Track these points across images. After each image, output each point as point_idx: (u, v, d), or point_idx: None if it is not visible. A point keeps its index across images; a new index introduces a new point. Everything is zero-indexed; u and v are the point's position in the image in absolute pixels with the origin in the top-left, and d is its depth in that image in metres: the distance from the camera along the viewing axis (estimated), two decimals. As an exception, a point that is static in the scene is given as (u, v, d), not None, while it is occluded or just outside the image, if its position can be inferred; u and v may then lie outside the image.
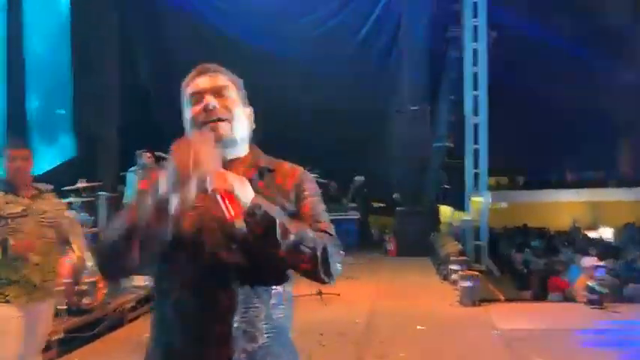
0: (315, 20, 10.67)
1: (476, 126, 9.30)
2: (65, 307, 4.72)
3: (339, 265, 1.39)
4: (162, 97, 11.15)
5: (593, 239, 12.99)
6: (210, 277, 1.33)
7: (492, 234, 12.82)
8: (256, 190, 1.36)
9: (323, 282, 1.39)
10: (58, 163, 8.68)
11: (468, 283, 6.16)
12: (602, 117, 17.13)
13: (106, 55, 9.86)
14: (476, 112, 9.30)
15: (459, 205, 9.71)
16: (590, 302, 6.03)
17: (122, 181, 7.41)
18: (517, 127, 17.80)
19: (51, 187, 3.43)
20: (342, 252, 1.42)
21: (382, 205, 11.48)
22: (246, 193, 1.26)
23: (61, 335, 4.42)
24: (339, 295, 6.27)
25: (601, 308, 5.94)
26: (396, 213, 10.39)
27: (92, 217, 5.47)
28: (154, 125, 10.84)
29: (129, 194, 7.05)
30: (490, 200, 9.47)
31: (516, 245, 11.26)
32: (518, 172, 17.51)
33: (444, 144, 10.27)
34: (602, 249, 10.08)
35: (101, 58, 9.70)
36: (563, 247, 11.06)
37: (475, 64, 9.32)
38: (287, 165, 1.51)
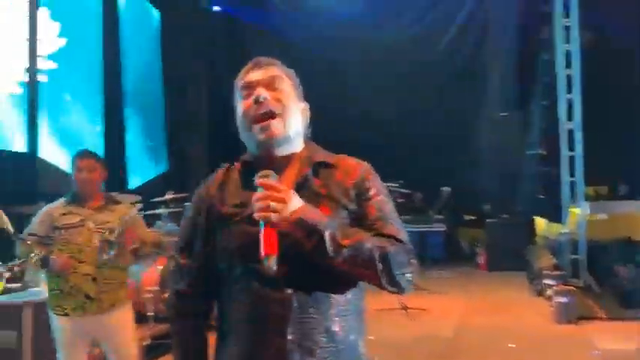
0: (398, 27, 10.55)
1: (570, 132, 8.73)
2: (152, 314, 4.90)
3: (408, 274, 1.28)
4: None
5: None
6: (264, 286, 1.26)
7: (591, 247, 11.94)
8: (310, 188, 1.31)
9: (391, 292, 1.30)
10: (152, 177, 9.18)
11: (563, 299, 5.74)
12: None
13: (195, 76, 10.37)
14: (570, 117, 8.73)
15: (555, 216, 9.13)
16: None
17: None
18: (618, 131, 16.63)
19: (136, 198, 3.53)
20: (413, 260, 1.30)
21: (472, 217, 11.08)
22: (292, 205, 1.20)
23: (148, 342, 4.58)
24: (425, 310, 6.06)
25: None
26: (487, 225, 9.97)
27: (178, 227, 5.68)
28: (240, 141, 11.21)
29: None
30: (588, 211, 8.82)
31: (619, 259, 10.40)
32: (620, 181, 16.25)
33: (537, 151, 9.72)
34: None
35: (191, 78, 10.20)
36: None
37: (568, 66, 8.78)
38: (351, 161, 1.41)
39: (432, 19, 10.38)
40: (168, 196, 5.80)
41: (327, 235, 1.19)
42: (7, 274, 2.76)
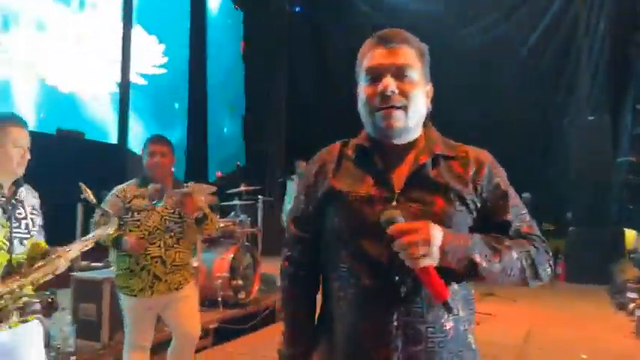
0: (482, 27, 10.28)
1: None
2: (220, 299, 5.12)
3: (548, 268, 1.30)
4: (324, 112, 11.71)
5: None
6: (373, 273, 1.26)
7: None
8: (426, 177, 1.29)
9: (533, 285, 1.31)
10: (230, 171, 9.57)
11: (646, 313, 5.36)
12: None
13: (274, 75, 10.66)
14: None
15: (646, 228, 8.54)
16: None
17: (282, 187, 7.94)
18: None
19: (211, 189, 3.55)
20: (549, 251, 1.32)
21: (552, 227, 10.54)
22: (436, 240, 1.16)
23: (216, 325, 4.79)
24: (490, 315, 5.88)
25: None
26: (569, 234, 9.46)
27: (250, 218, 5.88)
28: (317, 138, 11.39)
29: (288, 201, 7.47)
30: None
31: None
32: None
33: (627, 158, 9.12)
34: None
35: (270, 78, 10.50)
36: None
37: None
38: (472, 151, 1.38)
39: (517, 19, 10.02)
40: (243, 188, 6.03)
41: (476, 257, 1.20)
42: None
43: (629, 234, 9.81)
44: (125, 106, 7.50)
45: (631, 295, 6.21)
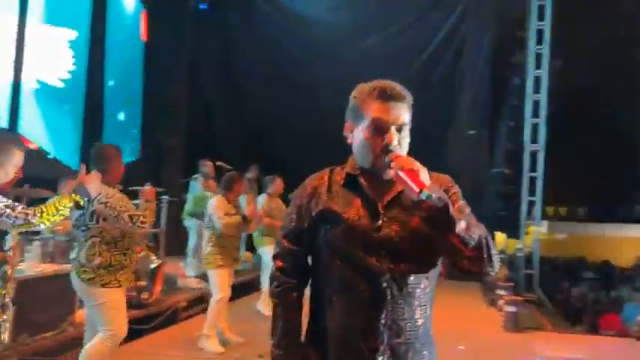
0: (379, 39, 10.78)
1: (534, 154, 9.19)
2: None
3: (497, 262, 1.50)
4: (226, 111, 11.69)
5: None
6: (363, 281, 1.51)
7: (547, 264, 12.43)
8: (404, 201, 1.53)
9: (486, 273, 1.50)
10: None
11: (512, 309, 6.13)
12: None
13: (176, 69, 10.49)
14: (534, 140, 9.20)
15: (514, 232, 9.59)
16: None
17: (184, 188, 7.88)
18: (583, 157, 17.33)
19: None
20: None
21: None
22: (426, 176, 1.40)
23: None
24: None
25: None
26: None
27: (154, 220, 5.83)
28: (218, 136, 11.38)
29: (191, 200, 7.47)
30: (544, 230, 9.31)
31: (572, 278, 10.93)
32: (580, 204, 16.97)
33: (501, 170, 10.17)
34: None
35: (172, 71, 10.32)
36: (622, 284, 10.64)
37: (537, 91, 9.25)
38: (434, 176, 1.57)
39: (413, 34, 10.67)
40: (147, 187, 5.93)
41: (450, 206, 1.41)
42: None
43: (499, 237, 10.94)
44: (16, 105, 7.05)
45: (500, 292, 7.01)
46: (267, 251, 6.09)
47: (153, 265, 5.53)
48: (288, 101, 11.10)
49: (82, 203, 3.06)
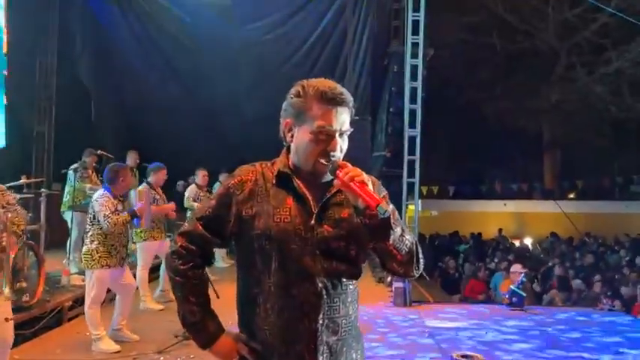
0: (260, 28, 10.78)
1: (412, 138, 9.72)
2: (4, 303, 4.65)
3: (421, 265, 1.58)
4: (101, 97, 11.00)
5: (517, 247, 13.87)
6: (298, 282, 1.50)
7: (424, 240, 13.33)
8: (337, 199, 1.57)
9: (413, 275, 1.58)
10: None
11: (400, 285, 6.54)
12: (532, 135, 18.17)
13: (44, 50, 9.68)
14: (412, 125, 9.72)
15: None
16: (513, 304, 6.55)
17: (59, 178, 7.30)
18: (449, 139, 18.78)
19: None
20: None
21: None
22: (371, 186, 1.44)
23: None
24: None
25: (522, 310, 6.48)
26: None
27: (30, 214, 5.38)
28: (91, 123, 10.70)
29: (67, 191, 6.94)
30: (420, 208, 9.97)
31: (447, 251, 11.85)
32: (449, 182, 18.42)
33: (382, 153, 10.66)
34: (526, 257, 10.85)
35: (39, 52, 9.51)
36: (489, 255, 11.76)
37: (414, 79, 9.76)
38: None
39: (294, 25, 10.76)
40: (23, 180, 5.47)
41: (390, 210, 1.42)
42: None
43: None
44: None
45: (388, 269, 7.42)
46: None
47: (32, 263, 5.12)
48: (166, 89, 10.75)
49: None
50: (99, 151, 7.00)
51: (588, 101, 17.55)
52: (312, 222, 1.53)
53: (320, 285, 1.52)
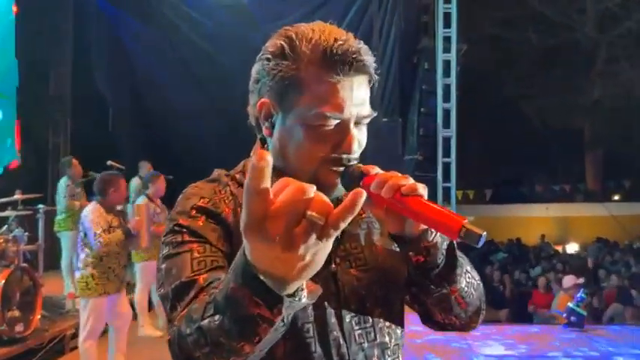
0: (284, 25, 10.30)
1: (446, 139, 9.08)
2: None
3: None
4: (119, 107, 10.64)
5: (562, 254, 12.94)
6: (324, 327, 0.99)
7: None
8: None
9: (472, 329, 1.11)
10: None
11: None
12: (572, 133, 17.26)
13: (59, 61, 9.38)
14: (447, 125, 9.08)
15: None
16: (572, 324, 5.73)
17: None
18: (486, 140, 17.95)
19: None
20: None
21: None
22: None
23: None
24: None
25: (582, 331, 5.65)
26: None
27: (27, 233, 4.84)
28: (108, 134, 10.36)
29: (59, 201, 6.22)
30: (455, 213, 9.28)
31: (482, 259, 11.04)
32: (486, 186, 17.56)
33: (415, 157, 10.00)
34: (574, 266, 9.96)
35: (53, 63, 9.20)
36: (531, 263, 10.90)
37: (446, 75, 9.12)
38: None
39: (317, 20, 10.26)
40: (18, 196, 4.94)
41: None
42: None
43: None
44: None
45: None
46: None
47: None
48: (187, 95, 10.38)
49: None
50: (109, 162, 6.47)
51: (632, 96, 16.55)
52: (332, 265, 1.00)
53: (307, 338, 0.97)
